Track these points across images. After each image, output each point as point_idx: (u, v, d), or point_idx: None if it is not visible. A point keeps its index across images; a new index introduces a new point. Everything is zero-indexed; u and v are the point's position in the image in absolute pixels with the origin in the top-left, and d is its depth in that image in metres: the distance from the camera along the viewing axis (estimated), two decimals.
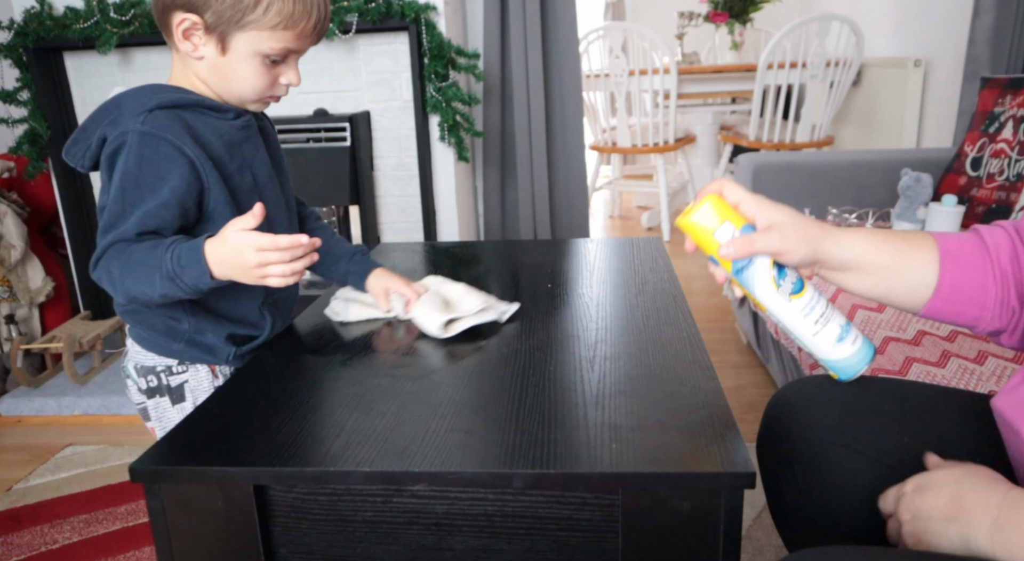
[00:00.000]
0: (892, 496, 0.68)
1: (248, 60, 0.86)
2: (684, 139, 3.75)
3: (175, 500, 0.70)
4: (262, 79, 0.88)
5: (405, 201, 2.33)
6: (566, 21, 2.47)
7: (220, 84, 0.89)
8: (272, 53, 0.86)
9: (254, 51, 0.85)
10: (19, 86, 2.17)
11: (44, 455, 1.88)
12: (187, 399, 0.96)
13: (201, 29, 0.85)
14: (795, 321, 0.73)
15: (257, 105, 0.93)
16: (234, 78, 0.88)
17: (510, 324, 1.01)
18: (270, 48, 0.85)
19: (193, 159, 0.85)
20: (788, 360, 1.76)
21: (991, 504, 0.57)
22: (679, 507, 0.65)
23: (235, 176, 0.91)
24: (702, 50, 4.44)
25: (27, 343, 2.17)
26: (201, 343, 0.94)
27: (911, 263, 0.71)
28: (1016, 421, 0.63)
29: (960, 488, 0.60)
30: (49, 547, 1.49)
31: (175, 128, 0.84)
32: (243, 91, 0.89)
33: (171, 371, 0.96)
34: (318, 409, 0.78)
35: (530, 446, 0.68)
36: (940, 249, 0.71)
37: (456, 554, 0.70)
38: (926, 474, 0.65)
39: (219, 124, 0.90)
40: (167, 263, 0.80)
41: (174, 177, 0.84)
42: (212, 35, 0.85)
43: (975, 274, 0.69)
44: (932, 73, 2.95)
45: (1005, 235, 0.71)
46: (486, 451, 0.68)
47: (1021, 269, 0.69)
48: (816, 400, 0.83)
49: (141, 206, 0.82)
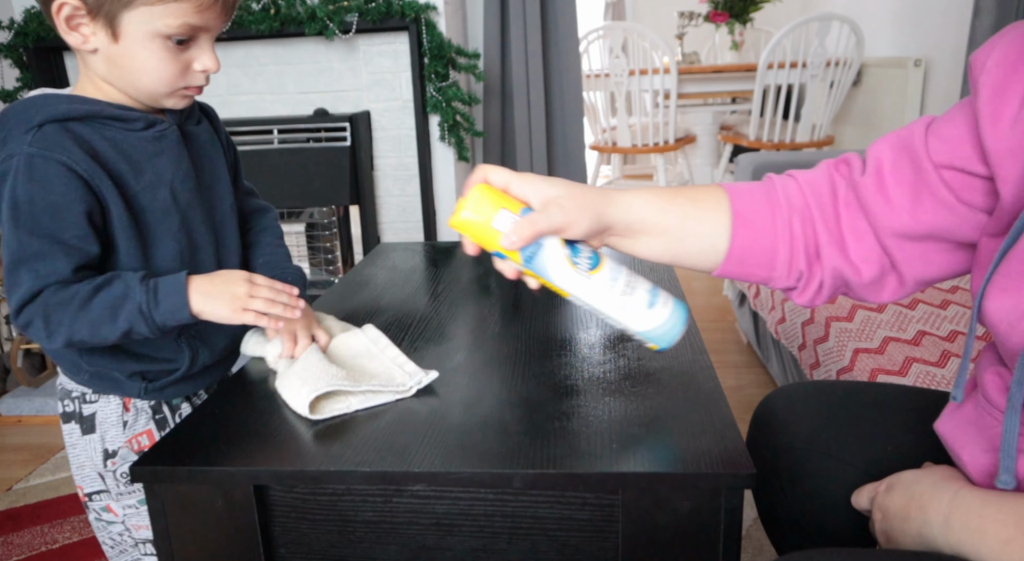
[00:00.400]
0: (866, 494, 0.69)
1: (146, 44, 0.74)
2: (684, 139, 3.75)
3: (175, 500, 0.70)
4: (168, 66, 0.76)
5: (405, 201, 2.33)
6: (566, 21, 2.47)
7: (123, 79, 0.78)
8: (172, 31, 0.74)
9: (150, 32, 0.74)
10: (19, 86, 2.17)
11: (44, 455, 1.88)
12: (96, 431, 0.87)
13: (84, 14, 0.73)
14: (601, 297, 0.67)
15: (174, 100, 0.80)
16: (136, 69, 0.76)
17: (510, 324, 1.00)
18: (167, 26, 0.73)
19: (87, 178, 0.75)
20: (788, 360, 1.76)
21: (943, 502, 0.59)
22: (679, 507, 0.65)
23: (141, 195, 0.80)
24: (702, 50, 4.44)
25: (27, 343, 2.17)
26: (106, 377, 0.86)
27: (700, 225, 0.68)
28: (955, 445, 0.64)
29: (919, 487, 0.62)
30: (49, 547, 1.49)
31: (65, 144, 0.74)
32: (150, 84, 0.77)
33: (85, 398, 0.87)
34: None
35: (530, 446, 0.68)
36: (732, 210, 0.68)
37: (456, 554, 0.70)
38: (896, 474, 0.66)
39: (122, 136, 0.79)
40: (139, 295, 0.74)
41: (75, 201, 0.74)
42: (98, 19, 0.73)
43: (764, 239, 0.67)
44: (932, 73, 2.95)
45: (799, 195, 0.68)
46: (486, 451, 0.68)
47: (812, 233, 0.67)
48: (802, 408, 0.84)
49: (57, 238, 0.74)
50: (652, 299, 0.68)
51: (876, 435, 0.78)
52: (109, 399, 0.87)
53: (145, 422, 0.89)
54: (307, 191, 2.14)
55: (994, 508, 0.55)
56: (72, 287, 0.75)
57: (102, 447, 0.88)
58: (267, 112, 2.27)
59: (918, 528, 0.60)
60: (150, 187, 0.80)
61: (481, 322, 1.02)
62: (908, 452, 0.73)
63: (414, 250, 1.45)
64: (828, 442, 0.79)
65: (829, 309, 1.48)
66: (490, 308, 1.08)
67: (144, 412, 0.89)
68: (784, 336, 1.68)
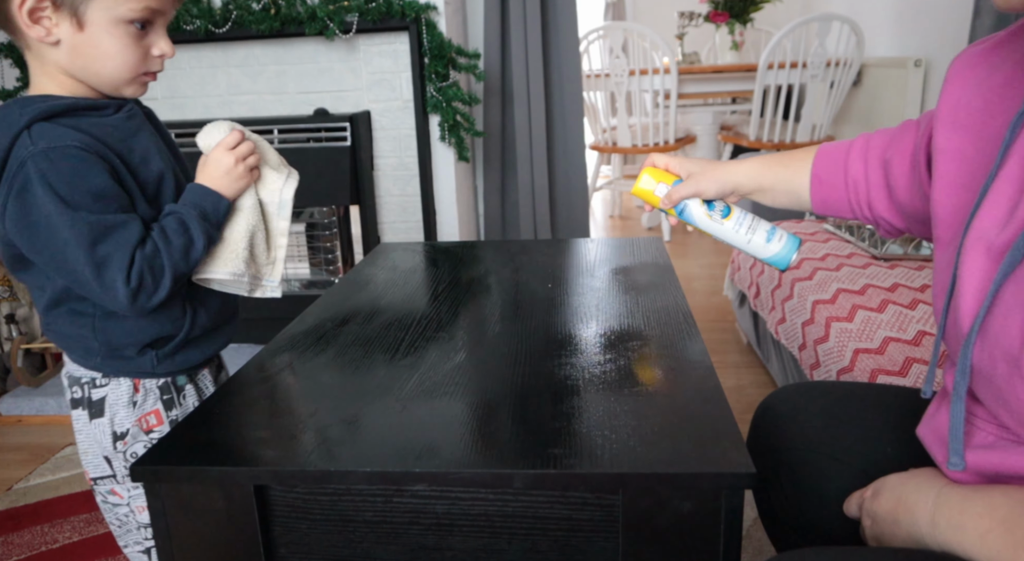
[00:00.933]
0: (855, 500, 0.71)
1: (111, 30, 0.78)
2: (684, 139, 3.75)
3: (176, 500, 0.70)
4: (131, 52, 0.80)
5: (405, 201, 2.33)
6: (566, 21, 2.47)
7: (87, 68, 0.80)
8: (134, 15, 0.78)
9: (114, 18, 0.77)
10: (19, 86, 2.17)
11: (44, 455, 1.88)
12: (104, 415, 0.90)
13: (48, 5, 0.76)
14: (732, 236, 0.91)
15: (134, 87, 0.84)
16: (100, 57, 0.79)
17: (510, 324, 1.00)
18: (130, 10, 0.77)
19: (101, 155, 0.79)
20: (788, 360, 1.76)
21: (928, 502, 0.60)
22: (680, 507, 0.65)
23: (141, 168, 0.85)
24: (702, 50, 4.44)
25: (27, 343, 2.17)
26: (118, 356, 0.89)
27: (790, 184, 0.89)
28: (933, 448, 0.65)
29: (904, 490, 0.63)
30: (49, 547, 1.49)
31: (65, 133, 0.77)
32: (113, 71, 0.81)
33: (94, 384, 0.90)
34: (319, 409, 0.78)
35: (531, 446, 0.68)
36: (812, 172, 0.88)
37: (457, 554, 0.70)
38: (881, 479, 0.67)
39: (104, 121, 0.83)
40: (190, 212, 0.84)
41: (103, 173, 0.79)
42: (62, 10, 0.76)
43: (835, 193, 0.87)
44: (932, 73, 2.95)
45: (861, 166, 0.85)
46: (487, 451, 0.68)
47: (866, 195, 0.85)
48: (801, 409, 0.84)
49: (113, 209, 0.79)
50: (770, 235, 0.90)
51: (876, 436, 0.78)
52: (119, 381, 0.91)
53: (153, 402, 0.92)
54: (307, 191, 2.13)
55: (971, 502, 0.57)
56: (150, 239, 0.81)
57: (111, 430, 0.90)
58: (267, 112, 2.27)
59: (907, 530, 0.61)
60: (144, 160, 0.86)
61: (481, 322, 1.02)
62: (908, 453, 0.73)
63: (414, 250, 1.45)
64: (828, 443, 0.79)
65: (829, 309, 1.48)
66: (490, 308, 1.08)
67: (152, 393, 0.92)
68: (784, 336, 1.68)
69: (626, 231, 3.89)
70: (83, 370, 0.90)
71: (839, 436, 0.79)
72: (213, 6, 2.07)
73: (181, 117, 2.30)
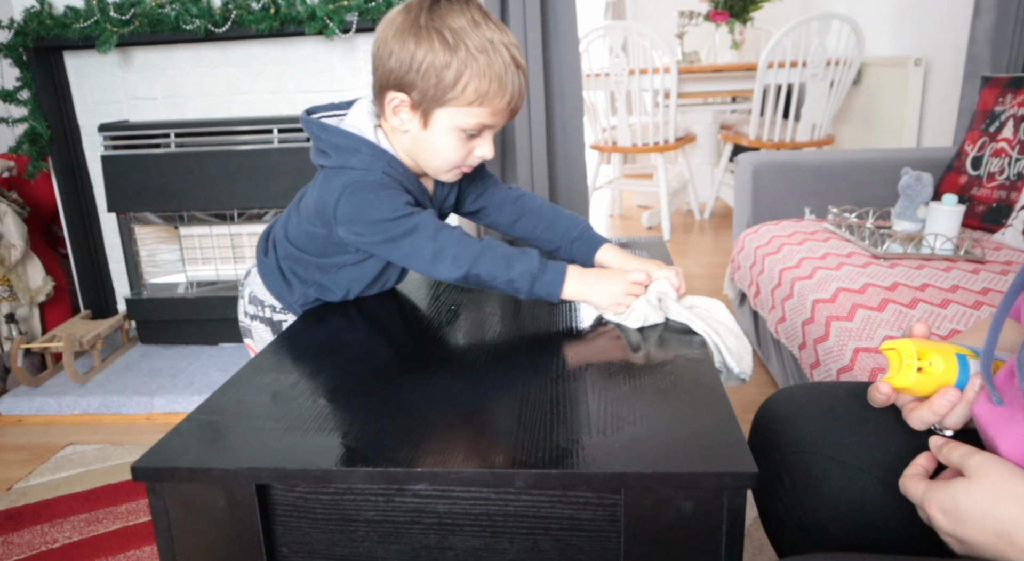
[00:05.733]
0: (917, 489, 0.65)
1: (446, 134, 0.95)
2: (684, 138, 3.75)
3: (177, 499, 0.70)
4: (458, 152, 0.97)
5: None
6: (566, 21, 2.47)
7: (419, 154, 0.99)
8: (469, 128, 0.94)
9: (452, 126, 0.94)
10: (19, 85, 2.17)
11: (44, 454, 1.88)
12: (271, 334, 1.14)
13: (408, 106, 0.94)
14: None
15: (449, 175, 1.02)
16: (433, 149, 0.97)
17: (511, 324, 1.01)
18: (466, 123, 0.94)
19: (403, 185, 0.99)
20: (788, 359, 1.76)
21: None
22: (681, 507, 0.65)
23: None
24: (702, 49, 4.44)
25: (27, 342, 2.17)
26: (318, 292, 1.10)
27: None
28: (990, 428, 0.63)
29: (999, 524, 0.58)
30: (49, 546, 1.49)
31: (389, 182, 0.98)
32: (439, 163, 0.99)
33: (275, 310, 1.14)
34: (320, 408, 0.78)
35: (532, 446, 0.68)
36: None
37: (458, 554, 0.70)
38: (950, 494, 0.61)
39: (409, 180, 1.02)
40: (535, 264, 0.95)
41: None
42: (417, 111, 0.94)
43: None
44: (932, 72, 2.95)
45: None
46: (488, 451, 0.68)
47: None
48: (803, 411, 0.84)
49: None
50: None
51: (878, 437, 0.78)
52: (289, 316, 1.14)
53: None
54: None
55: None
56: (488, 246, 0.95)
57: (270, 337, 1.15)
58: (267, 112, 2.27)
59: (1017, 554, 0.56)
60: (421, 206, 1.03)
61: (481, 322, 1.02)
62: (910, 453, 0.73)
63: None
64: (830, 444, 0.79)
65: (829, 308, 1.48)
66: (491, 308, 1.08)
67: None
68: (784, 336, 1.68)
69: (626, 230, 3.89)
70: (271, 299, 1.14)
71: (842, 437, 0.79)
72: (213, 6, 2.07)
73: (181, 117, 2.29)
